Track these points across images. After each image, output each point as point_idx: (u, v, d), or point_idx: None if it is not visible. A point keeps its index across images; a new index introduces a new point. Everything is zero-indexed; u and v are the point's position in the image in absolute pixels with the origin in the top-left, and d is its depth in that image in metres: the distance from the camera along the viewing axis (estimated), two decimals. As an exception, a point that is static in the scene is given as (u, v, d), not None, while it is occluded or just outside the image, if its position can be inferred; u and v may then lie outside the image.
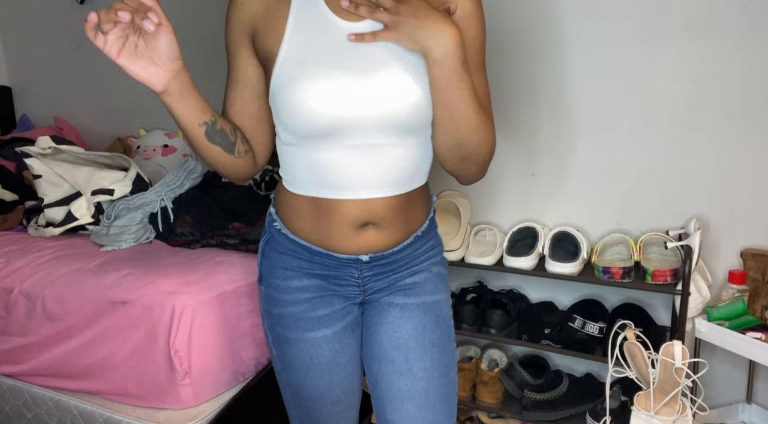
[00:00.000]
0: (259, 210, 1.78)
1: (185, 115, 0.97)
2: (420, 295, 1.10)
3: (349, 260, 1.05)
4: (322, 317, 1.08)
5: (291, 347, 1.11)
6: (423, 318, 1.10)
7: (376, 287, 1.09)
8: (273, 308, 1.10)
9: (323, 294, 1.08)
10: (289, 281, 1.08)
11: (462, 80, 0.92)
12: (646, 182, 1.74)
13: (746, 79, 1.59)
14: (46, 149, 1.86)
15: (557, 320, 1.76)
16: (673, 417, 1.38)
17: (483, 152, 1.05)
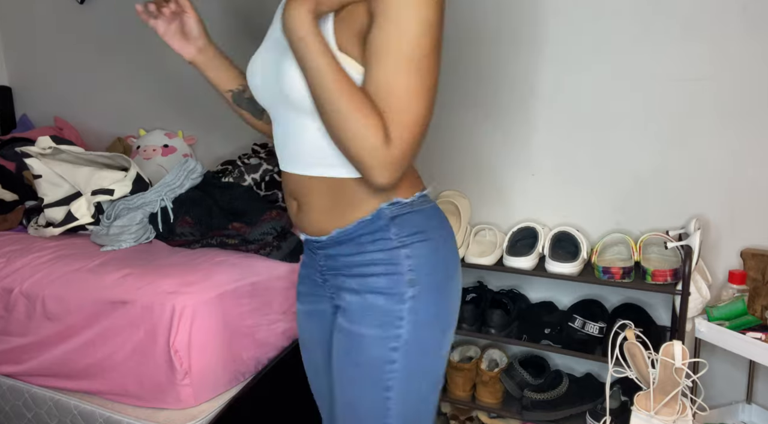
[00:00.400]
0: (259, 210, 1.78)
1: (214, 81, 1.21)
2: (348, 320, 1.00)
3: (305, 240, 1.08)
4: (300, 292, 1.16)
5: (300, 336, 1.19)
6: (343, 347, 1.01)
7: (333, 283, 1.04)
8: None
9: (306, 270, 1.14)
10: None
11: (302, 59, 0.87)
12: (646, 182, 1.74)
13: (746, 79, 1.59)
14: (46, 149, 1.86)
15: (557, 320, 1.76)
16: (673, 417, 1.38)
17: (347, 146, 0.88)
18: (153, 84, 2.42)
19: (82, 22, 2.50)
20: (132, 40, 2.42)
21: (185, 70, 2.34)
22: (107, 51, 2.48)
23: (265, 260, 1.62)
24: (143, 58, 2.41)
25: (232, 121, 2.31)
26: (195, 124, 2.37)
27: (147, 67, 2.41)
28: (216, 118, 2.33)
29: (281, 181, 1.08)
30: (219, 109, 2.32)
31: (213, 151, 2.36)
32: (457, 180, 1.96)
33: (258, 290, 1.53)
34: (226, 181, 1.94)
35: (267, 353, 1.56)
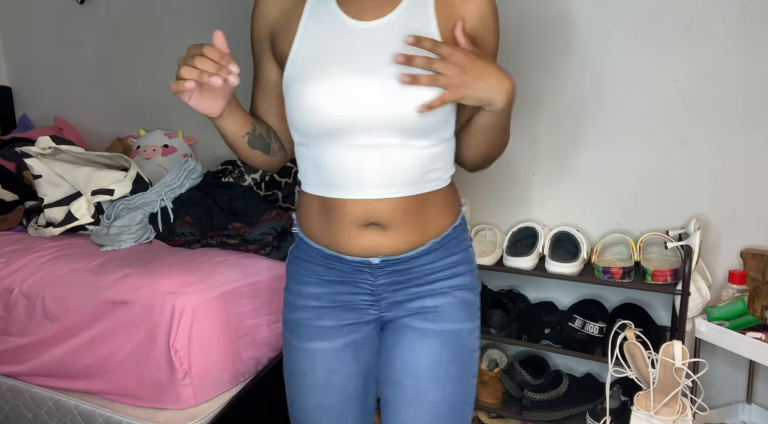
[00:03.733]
0: (259, 210, 1.78)
1: (232, 130, 1.05)
2: (440, 321, 1.04)
3: (360, 263, 1.02)
4: (324, 329, 1.06)
5: (292, 355, 1.09)
6: (440, 348, 1.04)
7: (392, 300, 1.05)
8: (287, 312, 1.10)
9: (334, 305, 1.06)
10: (304, 286, 1.08)
11: (509, 119, 0.99)
12: (646, 182, 1.74)
13: (746, 79, 1.59)
14: (46, 149, 1.86)
15: (557, 320, 1.76)
16: (673, 417, 1.38)
17: (500, 154, 1.11)
18: (153, 84, 2.42)
19: (82, 22, 2.50)
20: (132, 40, 2.42)
21: (185, 70, 2.34)
22: (107, 51, 2.48)
23: (265, 259, 1.62)
24: (143, 58, 2.41)
25: (232, 121, 2.31)
26: (195, 124, 2.37)
27: (147, 66, 2.41)
28: (216, 118, 2.33)
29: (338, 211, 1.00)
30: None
31: (213, 151, 2.36)
32: (457, 180, 1.96)
33: (258, 290, 1.53)
34: (226, 181, 1.94)
35: (267, 353, 1.56)
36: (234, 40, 2.35)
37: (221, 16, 2.22)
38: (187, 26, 2.29)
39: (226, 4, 2.20)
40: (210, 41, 1.04)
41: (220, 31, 0.95)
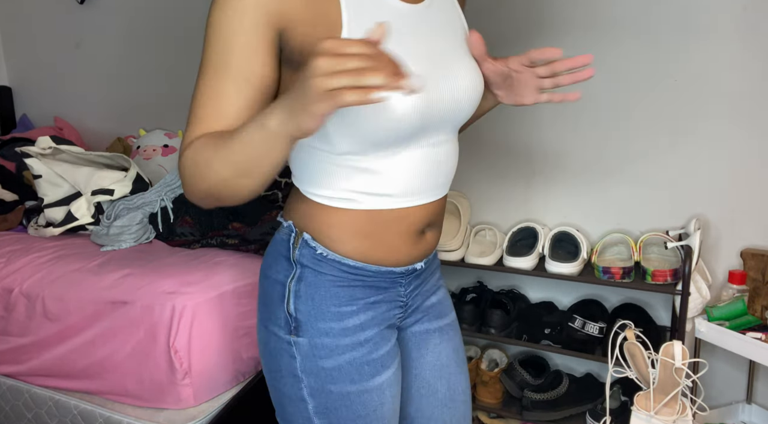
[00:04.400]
0: (259, 210, 1.78)
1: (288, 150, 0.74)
2: (446, 314, 1.06)
3: (401, 273, 0.93)
4: (384, 357, 0.92)
5: (352, 405, 0.90)
6: (455, 337, 1.07)
7: (414, 305, 1.00)
8: (325, 360, 0.88)
9: (380, 327, 0.93)
10: (346, 319, 0.89)
11: None
12: (646, 182, 1.74)
13: (747, 78, 1.59)
14: (46, 149, 1.86)
15: (557, 320, 1.76)
16: (673, 417, 1.38)
17: None
18: (153, 84, 2.42)
19: (82, 22, 2.50)
20: (132, 40, 2.42)
21: (185, 70, 2.34)
22: (107, 51, 2.48)
23: (265, 260, 1.62)
24: (144, 58, 2.41)
25: (232, 121, 2.32)
26: (195, 124, 2.37)
27: (147, 67, 2.41)
28: (216, 118, 2.33)
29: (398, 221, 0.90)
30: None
31: (213, 151, 2.36)
32: (457, 180, 1.96)
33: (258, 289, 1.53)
34: (226, 181, 1.93)
35: (267, 353, 1.56)
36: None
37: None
38: (187, 26, 2.29)
39: (226, 4, 2.20)
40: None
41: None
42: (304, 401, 0.90)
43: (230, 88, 0.78)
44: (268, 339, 0.91)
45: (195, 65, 0.87)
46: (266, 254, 0.95)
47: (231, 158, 0.72)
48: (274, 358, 0.91)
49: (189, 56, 2.32)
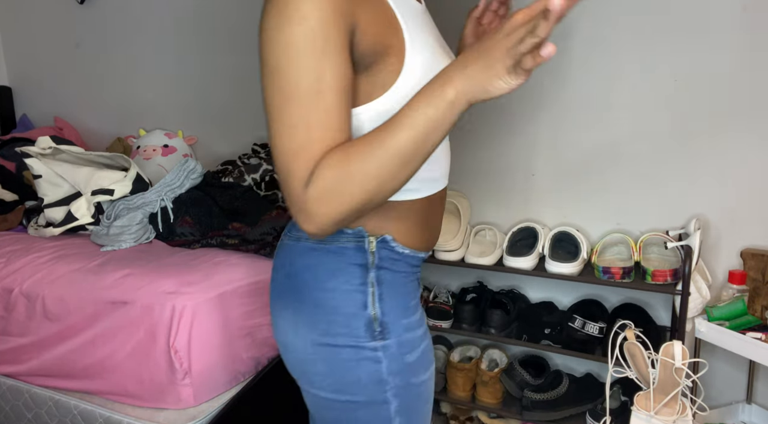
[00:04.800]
0: (259, 210, 1.78)
1: None
2: None
3: (424, 257, 0.96)
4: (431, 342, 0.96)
5: (423, 393, 0.91)
6: None
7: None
8: (409, 355, 0.88)
9: (422, 313, 0.95)
10: (416, 311, 0.91)
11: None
12: (646, 182, 1.74)
13: (746, 79, 1.59)
14: (46, 149, 1.86)
15: (557, 320, 1.76)
16: (673, 417, 1.38)
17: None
18: (153, 84, 2.42)
19: (82, 22, 2.50)
20: (132, 40, 2.42)
21: (185, 70, 2.34)
22: (107, 51, 2.48)
23: (265, 259, 1.62)
24: (143, 57, 2.41)
25: (232, 122, 2.32)
26: (195, 124, 2.37)
27: (147, 67, 2.42)
28: (216, 118, 2.33)
29: (438, 202, 0.92)
30: (219, 109, 2.33)
31: (213, 151, 2.36)
32: (457, 180, 1.96)
33: (258, 290, 1.53)
34: (226, 181, 1.94)
35: (267, 353, 1.56)
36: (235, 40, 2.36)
37: (221, 15, 2.22)
38: (187, 26, 2.30)
39: (226, 3, 2.20)
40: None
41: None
42: (387, 403, 0.87)
43: (333, 102, 0.73)
44: (336, 355, 0.85)
45: (195, 65, 0.86)
46: (314, 268, 0.87)
47: (393, 150, 0.71)
48: (349, 371, 0.85)
49: (189, 56, 2.32)
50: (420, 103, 0.70)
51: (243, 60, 2.21)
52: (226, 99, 2.29)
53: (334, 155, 0.72)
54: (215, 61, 2.27)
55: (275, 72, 0.72)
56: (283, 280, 0.89)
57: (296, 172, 0.72)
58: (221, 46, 2.25)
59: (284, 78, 0.71)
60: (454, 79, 0.69)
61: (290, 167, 0.72)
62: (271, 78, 0.72)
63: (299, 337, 0.87)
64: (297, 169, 0.72)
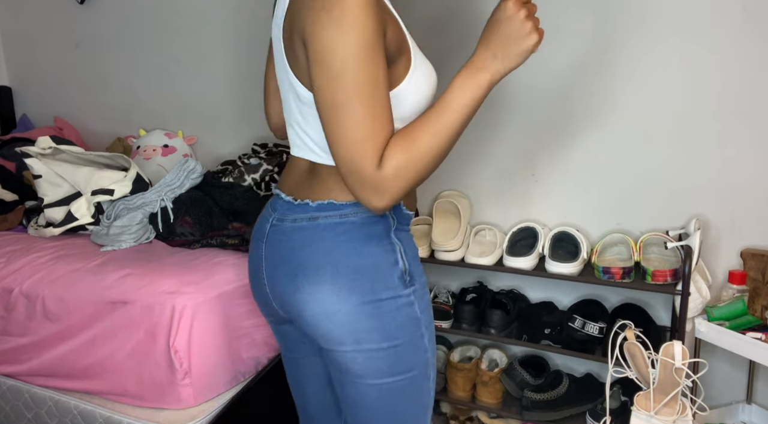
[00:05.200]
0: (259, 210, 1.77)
1: None
2: None
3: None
4: None
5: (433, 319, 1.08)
6: None
7: None
8: (425, 292, 1.05)
9: None
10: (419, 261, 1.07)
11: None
12: (646, 182, 1.74)
13: (746, 79, 1.59)
14: (46, 149, 1.86)
15: (557, 320, 1.76)
16: (673, 417, 1.38)
17: None
18: (153, 84, 2.42)
19: (82, 22, 2.50)
20: (132, 40, 2.42)
21: (185, 70, 2.34)
22: (107, 51, 2.48)
23: (265, 260, 1.62)
24: (143, 58, 2.41)
25: (232, 121, 2.32)
26: (195, 124, 2.37)
27: (147, 67, 2.42)
28: (216, 118, 2.33)
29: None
30: (219, 109, 2.33)
31: (213, 151, 2.36)
32: (457, 180, 1.96)
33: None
34: (226, 181, 1.94)
35: (267, 353, 1.56)
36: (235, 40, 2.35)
37: (221, 14, 2.22)
38: (187, 25, 2.30)
39: (226, 2, 2.20)
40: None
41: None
42: (422, 336, 1.02)
43: (386, 95, 0.87)
44: (379, 309, 0.97)
45: (194, 65, 0.89)
46: (348, 239, 0.97)
47: (448, 129, 0.89)
48: (393, 318, 0.98)
49: (189, 56, 2.32)
50: (463, 88, 0.89)
51: (243, 60, 2.22)
52: (226, 99, 2.29)
53: (399, 139, 0.87)
54: (215, 61, 2.27)
55: (340, 74, 0.83)
56: (317, 256, 0.97)
57: (367, 157, 0.85)
58: (221, 46, 2.25)
59: (348, 79, 0.83)
60: (488, 65, 0.90)
61: (362, 153, 0.85)
62: (335, 80, 0.84)
63: (344, 302, 0.96)
64: (368, 155, 0.85)
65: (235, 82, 2.26)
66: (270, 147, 2.10)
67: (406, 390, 1.02)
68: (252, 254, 1.08)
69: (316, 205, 0.98)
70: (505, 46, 0.89)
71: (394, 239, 1.00)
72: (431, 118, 0.89)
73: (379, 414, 1.03)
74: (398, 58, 0.94)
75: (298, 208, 1.00)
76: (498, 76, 0.91)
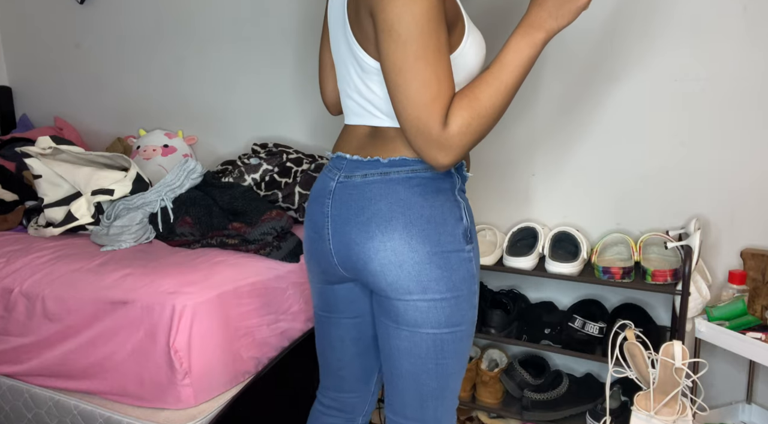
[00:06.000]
0: (259, 210, 1.78)
1: None
2: None
3: None
4: None
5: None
6: None
7: None
8: (479, 253, 1.11)
9: None
10: None
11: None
12: (646, 182, 1.74)
13: (746, 79, 1.59)
14: (46, 149, 1.86)
15: (557, 320, 1.76)
16: (673, 417, 1.38)
17: None
18: (153, 84, 2.42)
19: (82, 22, 2.50)
20: (132, 40, 2.42)
21: (185, 70, 2.34)
22: (107, 51, 2.48)
23: (265, 260, 1.62)
24: (143, 58, 2.41)
25: (232, 121, 2.32)
26: (195, 124, 2.37)
27: (147, 66, 2.42)
28: (216, 118, 2.33)
29: None
30: (219, 109, 2.33)
31: (213, 151, 2.36)
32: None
33: (258, 289, 1.53)
34: (226, 181, 1.94)
35: (267, 353, 1.56)
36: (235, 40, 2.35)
37: (221, 14, 2.22)
38: (187, 25, 2.30)
39: (226, 2, 2.20)
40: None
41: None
42: (475, 292, 1.09)
43: (448, 59, 0.94)
44: (447, 260, 1.03)
45: (194, 65, 0.89)
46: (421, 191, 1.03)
47: (508, 86, 0.94)
48: (456, 271, 1.04)
49: (189, 56, 2.32)
50: (519, 46, 0.95)
51: (243, 60, 2.22)
52: (226, 99, 2.29)
53: (463, 98, 0.93)
54: (215, 61, 2.27)
55: (408, 40, 0.90)
56: (391, 206, 1.02)
57: (434, 116, 0.91)
58: (221, 46, 2.25)
59: (416, 44, 0.90)
60: (543, 23, 0.95)
61: (429, 113, 0.91)
62: (402, 45, 0.90)
63: (415, 251, 1.01)
64: (435, 114, 0.91)
65: (235, 82, 2.26)
66: (270, 147, 2.10)
67: (455, 343, 1.07)
68: (314, 213, 1.12)
69: (387, 161, 1.03)
70: (560, 4, 0.94)
71: (458, 197, 1.07)
72: (490, 77, 0.94)
73: (427, 363, 1.08)
74: (454, 27, 1.00)
75: (368, 164, 1.04)
76: (552, 33, 0.96)
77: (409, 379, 1.10)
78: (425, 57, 0.90)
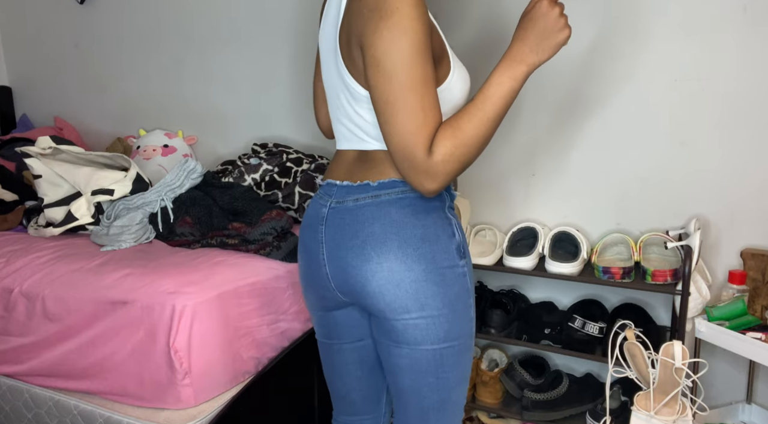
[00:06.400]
0: (259, 210, 1.78)
1: None
2: None
3: None
4: None
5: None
6: None
7: None
8: (471, 267, 1.14)
9: None
10: None
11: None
12: (646, 182, 1.74)
13: (746, 79, 1.59)
14: (46, 149, 1.86)
15: (557, 320, 1.76)
16: (673, 417, 1.38)
17: None
18: (153, 84, 2.42)
19: (82, 22, 2.50)
20: (132, 41, 2.42)
21: (185, 70, 2.34)
22: (107, 51, 2.48)
23: (265, 260, 1.62)
24: (143, 57, 2.41)
25: (232, 121, 2.32)
26: (195, 124, 2.37)
27: (147, 67, 2.42)
28: (216, 118, 2.33)
29: None
30: (219, 109, 2.33)
31: (213, 151, 2.36)
32: (457, 180, 1.96)
33: (258, 289, 1.53)
34: (226, 181, 1.94)
35: (267, 353, 1.56)
36: (235, 40, 2.35)
37: (221, 14, 2.23)
38: (187, 25, 2.30)
39: (226, 2, 2.20)
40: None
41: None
42: (471, 306, 1.11)
43: (434, 90, 0.96)
44: (442, 276, 1.05)
45: (194, 65, 0.89)
46: (413, 212, 1.05)
47: (491, 117, 0.97)
48: (451, 286, 1.06)
49: (189, 56, 2.32)
50: (502, 79, 0.98)
51: (243, 60, 2.22)
52: (226, 99, 2.29)
53: (448, 128, 0.95)
54: (215, 61, 2.28)
55: (394, 73, 0.93)
56: (384, 228, 1.04)
57: (419, 145, 0.94)
58: (221, 46, 2.25)
59: (402, 76, 0.93)
60: (525, 58, 0.99)
61: (414, 141, 0.94)
62: (389, 78, 0.93)
63: (411, 270, 1.03)
64: (420, 142, 0.94)
65: (235, 83, 2.26)
66: (270, 147, 2.10)
67: (454, 356, 1.09)
68: (307, 239, 1.12)
69: (377, 184, 1.05)
70: (541, 40, 0.99)
71: (449, 214, 1.09)
72: (474, 108, 0.97)
73: (428, 377, 1.09)
74: (440, 62, 1.04)
75: (358, 189, 1.06)
76: (533, 67, 1.00)
77: (411, 393, 1.11)
78: (412, 88, 0.93)
